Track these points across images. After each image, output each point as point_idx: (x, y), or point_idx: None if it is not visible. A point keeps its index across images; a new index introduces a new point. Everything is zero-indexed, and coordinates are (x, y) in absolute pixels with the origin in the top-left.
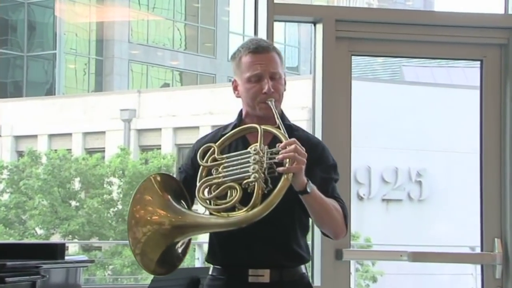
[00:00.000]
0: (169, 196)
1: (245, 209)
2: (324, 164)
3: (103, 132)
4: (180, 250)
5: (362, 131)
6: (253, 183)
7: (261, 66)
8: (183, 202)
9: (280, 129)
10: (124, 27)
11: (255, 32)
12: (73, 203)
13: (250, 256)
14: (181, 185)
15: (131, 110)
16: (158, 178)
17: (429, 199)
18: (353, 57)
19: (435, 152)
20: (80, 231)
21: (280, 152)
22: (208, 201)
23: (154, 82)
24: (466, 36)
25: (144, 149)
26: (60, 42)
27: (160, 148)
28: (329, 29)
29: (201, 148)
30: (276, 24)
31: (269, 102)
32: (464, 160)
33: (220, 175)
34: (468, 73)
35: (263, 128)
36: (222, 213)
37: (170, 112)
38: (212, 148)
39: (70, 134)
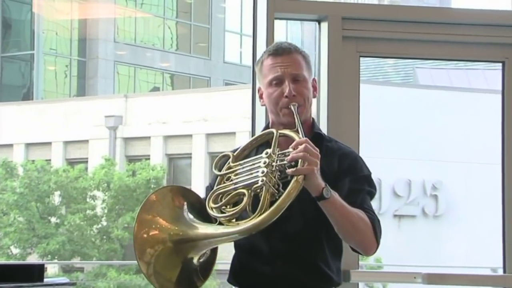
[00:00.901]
0: (179, 210)
1: (253, 215)
2: (354, 175)
3: (86, 141)
4: (199, 266)
5: (371, 139)
6: (262, 187)
7: (281, 68)
8: (199, 216)
9: (298, 132)
10: (109, 25)
11: (254, 31)
12: (53, 219)
13: (272, 275)
14: (199, 198)
15: (117, 116)
16: (168, 190)
17: (445, 215)
18: (361, 59)
19: (452, 163)
20: (60, 251)
21: (288, 152)
22: (217, 210)
23: (143, 85)
24: (486, 36)
25: (131, 159)
26: (39, 41)
27: (149, 159)
28: (335, 28)
29: (218, 157)
30: (277, 22)
31: (292, 107)
32: (484, 171)
33: (231, 182)
34: (489, 75)
35: (280, 133)
36: (231, 222)
37: (160, 119)
38: (229, 157)
39: (49, 143)
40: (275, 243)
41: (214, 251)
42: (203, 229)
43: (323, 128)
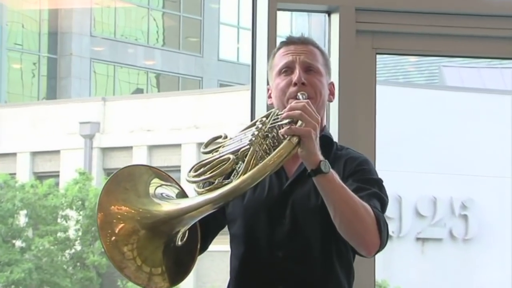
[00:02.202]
0: (146, 189)
1: (235, 178)
2: (362, 175)
3: (57, 152)
4: (183, 248)
5: (389, 150)
6: (249, 149)
7: (293, 55)
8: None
9: None
10: (84, 17)
11: (253, 24)
12: (18, 243)
13: None
14: (183, 189)
15: (94, 123)
16: (146, 169)
17: (477, 238)
18: (378, 56)
19: (484, 177)
20: (27, 280)
21: (284, 111)
22: (195, 178)
23: (124, 87)
24: None
25: (110, 173)
26: (1, 35)
27: None
28: (348, 21)
29: (209, 139)
30: (280, 14)
31: (300, 96)
32: None
33: (217, 152)
34: None
35: (279, 112)
36: (212, 191)
37: (144, 126)
38: (220, 136)
39: (14, 154)
40: (278, 264)
41: (194, 235)
42: (179, 203)
43: (334, 135)
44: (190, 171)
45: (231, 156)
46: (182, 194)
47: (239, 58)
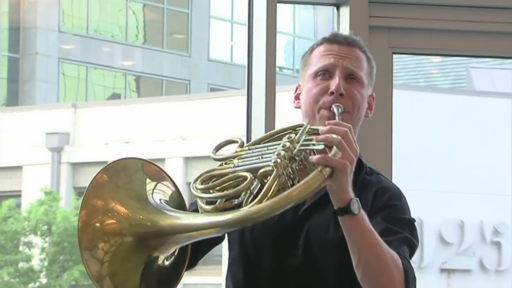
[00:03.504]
0: (143, 190)
1: (251, 204)
2: (393, 214)
3: (19, 168)
4: (167, 269)
5: (408, 165)
6: (271, 171)
7: (336, 58)
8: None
9: None
10: (52, 10)
11: (250, 18)
12: None
13: None
14: (181, 195)
15: (63, 134)
16: (143, 164)
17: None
18: (395, 56)
19: None
20: None
21: (322, 131)
22: (203, 191)
23: (98, 91)
24: None
25: (81, 192)
26: None
27: None
28: (360, 15)
29: (221, 142)
30: (280, 6)
31: (334, 108)
32: None
33: (232, 165)
34: None
35: (312, 128)
36: (218, 211)
37: (122, 137)
38: (236, 142)
39: None
40: None
41: (183, 251)
42: (178, 218)
43: None
44: (196, 181)
45: (249, 175)
46: (178, 196)
47: (233, 58)
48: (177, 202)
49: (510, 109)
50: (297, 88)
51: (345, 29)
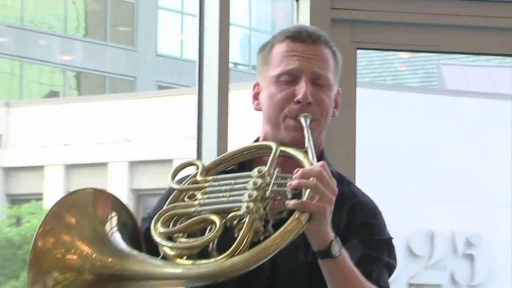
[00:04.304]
0: (102, 227)
1: (222, 256)
2: (370, 236)
3: None
4: None
5: (374, 170)
6: (243, 217)
7: (301, 60)
8: (132, 246)
9: (307, 154)
10: None
11: (201, 9)
12: None
13: None
14: (132, 214)
15: None
16: (94, 195)
17: (485, 284)
18: (359, 52)
19: (495, 206)
20: None
21: (295, 177)
22: (165, 237)
23: (34, 89)
24: None
25: (14, 200)
26: None
27: (42, 199)
28: (321, 7)
29: (180, 165)
30: None
31: (302, 119)
32: None
33: (196, 202)
34: None
35: (281, 150)
36: (184, 260)
37: (60, 139)
38: (196, 166)
39: None
40: None
41: None
42: (143, 264)
43: None
44: (157, 222)
45: (218, 221)
46: (133, 226)
47: (183, 52)
48: (133, 232)
49: (484, 110)
50: (255, 86)
51: (305, 22)
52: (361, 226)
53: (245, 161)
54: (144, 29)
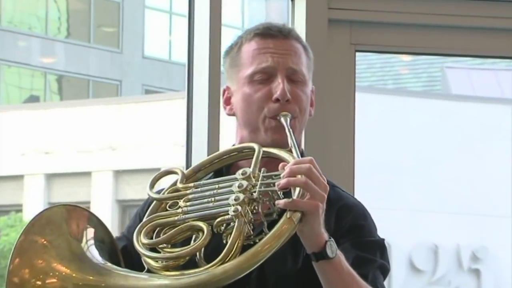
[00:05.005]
0: (79, 244)
1: (212, 263)
2: (361, 238)
3: None
4: None
5: (375, 179)
6: (232, 221)
7: (274, 57)
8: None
9: (292, 153)
10: None
11: (190, 9)
12: None
13: None
14: (107, 230)
15: None
16: (68, 211)
17: None
18: (358, 54)
19: (502, 218)
20: None
21: (283, 175)
22: (148, 248)
23: (13, 93)
24: None
25: None
26: None
27: (21, 210)
28: (318, 7)
29: (158, 173)
30: None
31: (282, 118)
32: None
33: (179, 210)
34: None
35: (264, 151)
36: (171, 271)
37: (41, 147)
38: (176, 174)
39: None
40: None
41: None
42: (127, 278)
43: None
44: (140, 234)
45: (205, 227)
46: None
47: (172, 55)
48: (111, 249)
49: (491, 116)
50: (225, 91)
51: (300, 23)
52: (351, 228)
53: (221, 168)
54: (130, 30)
